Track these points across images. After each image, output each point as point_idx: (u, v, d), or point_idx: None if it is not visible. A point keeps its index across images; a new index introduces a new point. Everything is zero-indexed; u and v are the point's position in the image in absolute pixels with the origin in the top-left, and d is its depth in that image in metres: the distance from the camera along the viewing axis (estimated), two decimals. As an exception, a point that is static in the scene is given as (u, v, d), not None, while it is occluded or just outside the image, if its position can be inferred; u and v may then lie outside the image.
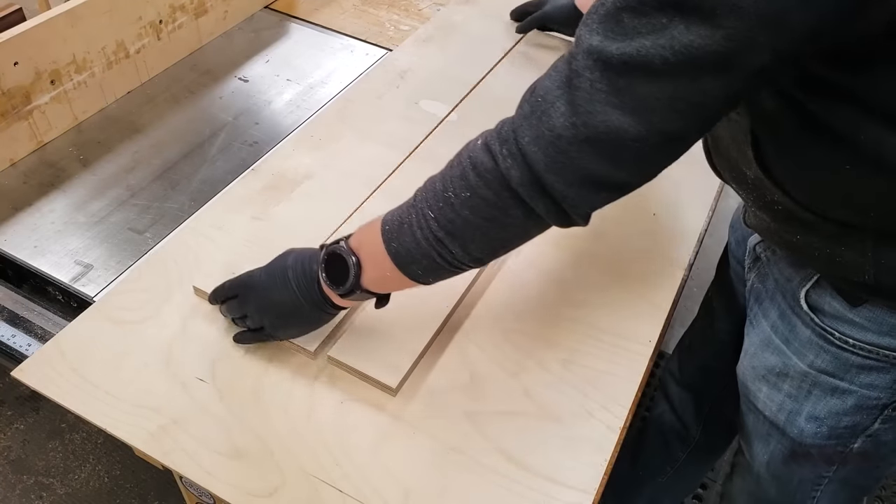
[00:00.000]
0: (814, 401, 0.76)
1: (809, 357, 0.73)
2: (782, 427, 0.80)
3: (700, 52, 0.46)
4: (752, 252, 0.82)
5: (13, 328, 0.82)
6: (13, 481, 1.45)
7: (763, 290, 0.80)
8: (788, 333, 0.75)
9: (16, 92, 0.93)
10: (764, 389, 0.80)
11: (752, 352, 0.81)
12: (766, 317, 0.79)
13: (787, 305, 0.75)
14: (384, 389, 0.70)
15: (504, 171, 0.55)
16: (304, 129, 1.01)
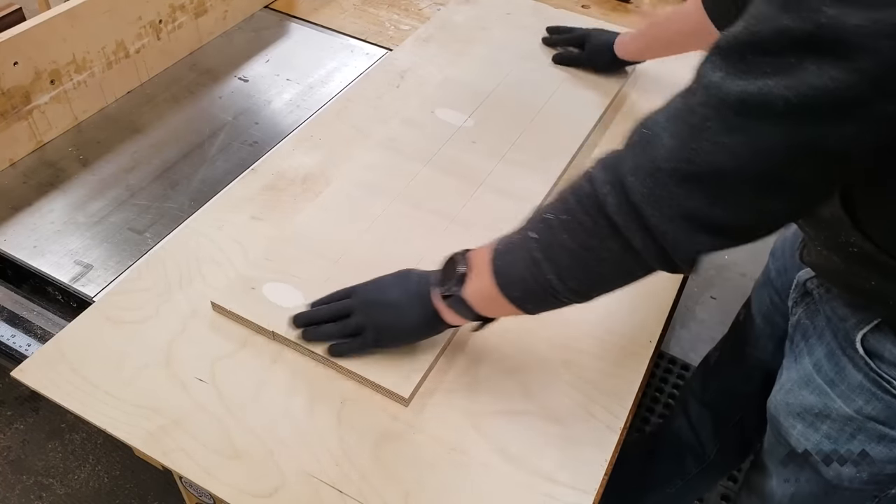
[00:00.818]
0: (856, 444, 0.73)
1: (858, 402, 0.70)
2: (816, 466, 0.77)
3: (828, 95, 0.44)
4: (802, 287, 0.79)
5: (13, 328, 0.82)
6: (13, 481, 1.44)
7: (811, 326, 0.77)
8: (834, 375, 0.72)
9: (16, 92, 0.93)
10: (798, 427, 0.77)
11: (789, 388, 0.78)
12: (810, 354, 0.76)
13: (838, 345, 0.72)
14: (396, 399, 0.70)
15: (601, 196, 0.54)
16: (304, 129, 1.01)
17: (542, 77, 1.08)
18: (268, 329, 0.73)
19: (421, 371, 0.70)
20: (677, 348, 1.77)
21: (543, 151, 0.96)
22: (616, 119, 1.05)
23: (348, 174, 0.91)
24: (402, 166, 0.92)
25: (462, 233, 0.84)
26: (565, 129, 1.00)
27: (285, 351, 0.73)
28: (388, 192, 0.89)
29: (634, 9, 1.32)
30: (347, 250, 0.81)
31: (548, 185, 0.91)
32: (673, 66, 1.15)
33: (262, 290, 0.76)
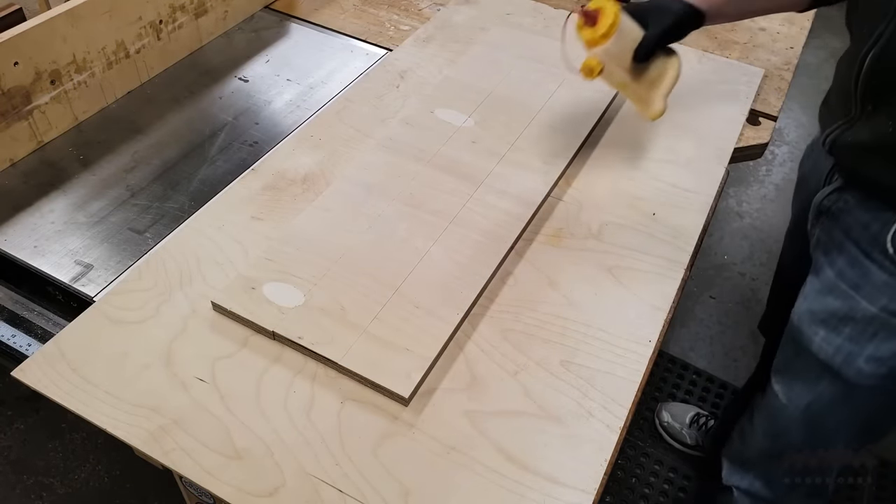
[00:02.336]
0: (877, 342, 0.78)
1: (883, 300, 0.76)
2: (837, 369, 0.82)
3: None
4: (817, 208, 0.85)
5: (13, 328, 0.82)
6: (13, 481, 1.45)
7: (830, 240, 0.83)
8: (859, 279, 0.78)
9: (16, 92, 0.93)
10: (821, 333, 0.83)
11: (813, 296, 0.84)
12: (831, 265, 0.82)
13: (861, 251, 0.78)
14: (396, 399, 0.70)
15: None
16: (304, 129, 1.01)
17: (542, 77, 1.08)
18: (268, 329, 0.73)
19: (421, 371, 0.70)
20: (677, 348, 1.77)
21: (543, 151, 0.96)
22: (616, 119, 1.05)
23: (348, 174, 0.91)
24: (402, 166, 0.92)
25: (462, 233, 0.84)
26: (565, 129, 1.00)
27: (285, 351, 0.73)
28: (388, 192, 0.89)
29: (634, 9, 1.31)
30: (347, 250, 0.81)
31: (548, 185, 0.91)
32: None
33: (262, 290, 0.76)
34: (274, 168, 0.94)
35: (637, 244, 0.87)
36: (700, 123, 1.04)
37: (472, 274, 0.80)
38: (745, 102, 1.09)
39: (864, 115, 0.74)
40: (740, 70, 1.15)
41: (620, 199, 0.92)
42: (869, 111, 0.73)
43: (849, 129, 0.77)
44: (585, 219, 0.89)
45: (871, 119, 0.74)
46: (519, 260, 0.84)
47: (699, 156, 0.99)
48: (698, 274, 1.96)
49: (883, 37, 0.69)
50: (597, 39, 0.76)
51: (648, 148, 1.00)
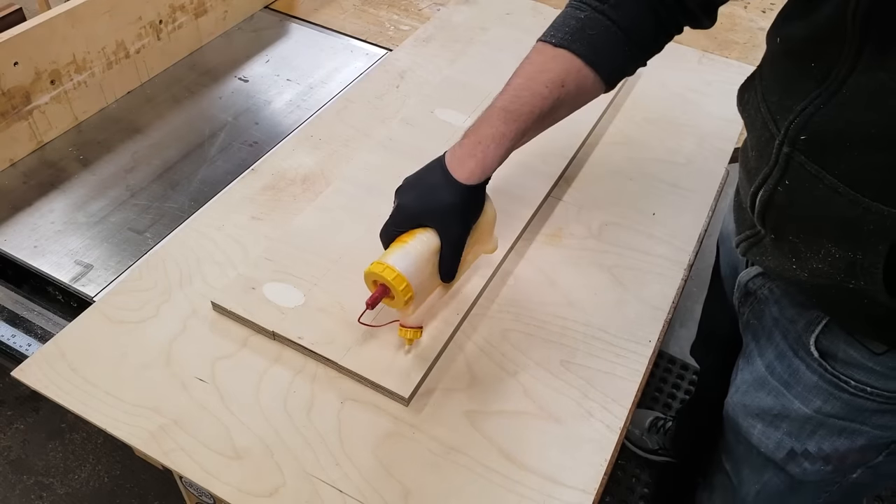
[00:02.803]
0: (818, 440, 0.71)
1: (816, 402, 0.69)
2: (780, 464, 0.76)
3: None
4: (743, 287, 0.77)
5: (13, 328, 0.82)
6: (13, 481, 1.45)
7: (759, 326, 0.75)
8: (789, 377, 0.71)
9: (16, 92, 0.93)
10: (759, 427, 0.76)
11: (745, 389, 0.77)
12: (761, 356, 0.75)
13: (788, 347, 0.70)
14: (396, 399, 0.70)
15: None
16: (304, 129, 1.01)
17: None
18: (268, 329, 0.73)
19: (421, 371, 0.70)
20: (677, 348, 1.77)
21: (543, 151, 0.96)
22: (616, 119, 1.05)
23: (348, 174, 0.91)
24: (402, 166, 0.92)
25: (462, 233, 0.84)
26: (565, 129, 1.00)
27: (285, 351, 0.73)
28: (388, 192, 0.88)
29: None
30: (347, 250, 0.81)
31: (548, 185, 0.91)
32: (674, 65, 1.15)
33: (262, 290, 0.76)
34: (274, 168, 0.94)
35: (637, 244, 0.87)
36: (700, 123, 1.04)
37: (472, 274, 0.80)
38: (745, 102, 1.09)
39: (768, 238, 0.65)
40: (740, 70, 1.15)
41: (620, 199, 0.92)
42: (772, 238, 0.65)
43: (756, 245, 0.68)
44: (585, 219, 0.89)
45: (776, 247, 0.64)
46: (519, 260, 0.84)
47: (699, 156, 0.99)
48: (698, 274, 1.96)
49: (769, 182, 0.60)
50: (403, 308, 0.69)
51: (648, 148, 1.00)
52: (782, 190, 0.59)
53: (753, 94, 0.65)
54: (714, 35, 1.26)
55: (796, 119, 0.56)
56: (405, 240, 0.68)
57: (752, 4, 1.35)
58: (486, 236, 0.75)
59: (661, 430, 1.50)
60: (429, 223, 0.69)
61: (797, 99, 0.56)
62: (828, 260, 0.58)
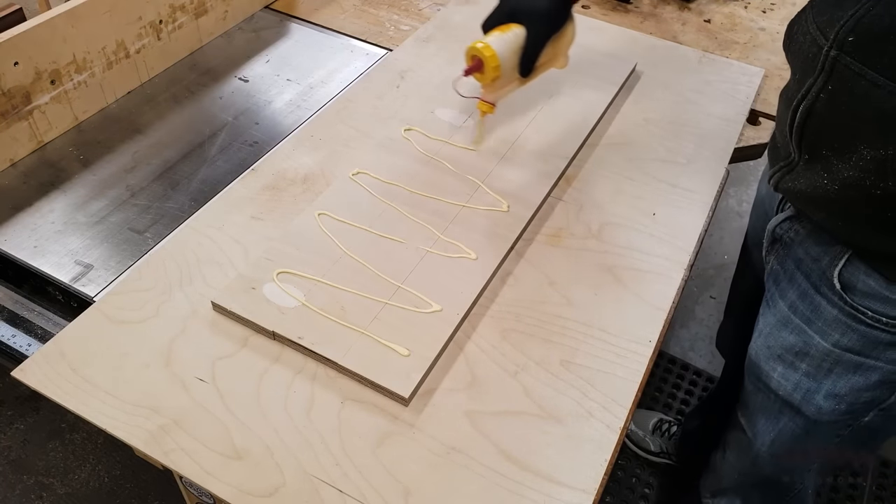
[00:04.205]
0: (834, 378, 0.77)
1: (834, 336, 0.75)
2: (797, 405, 0.81)
3: None
4: (771, 235, 0.84)
5: (13, 328, 0.82)
6: (13, 481, 1.45)
7: (781, 271, 0.82)
8: (810, 313, 0.77)
9: (16, 92, 0.93)
10: (779, 369, 0.82)
11: (768, 331, 0.83)
12: (783, 297, 0.81)
13: (810, 285, 0.77)
14: (396, 399, 0.70)
15: None
16: (304, 129, 1.01)
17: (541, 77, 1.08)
18: (268, 329, 0.73)
19: (421, 371, 0.70)
20: (677, 348, 1.77)
21: (543, 151, 0.96)
22: (616, 119, 1.05)
23: (348, 174, 0.91)
24: (402, 166, 0.92)
25: (462, 233, 0.84)
26: (565, 128, 1.00)
27: (285, 351, 0.73)
28: (388, 192, 0.89)
29: (634, 9, 1.32)
30: (347, 250, 0.81)
31: (548, 185, 0.91)
32: (674, 64, 1.15)
33: (262, 290, 0.76)
34: (274, 168, 0.94)
35: (637, 244, 0.87)
36: (700, 123, 1.04)
37: (471, 274, 0.80)
38: (745, 102, 1.09)
39: (801, 162, 0.72)
40: (740, 70, 1.15)
41: (620, 199, 0.92)
42: (806, 159, 0.71)
43: (789, 174, 0.75)
44: (585, 219, 0.89)
45: (808, 168, 0.71)
46: (519, 260, 0.84)
47: (699, 156, 0.99)
48: (698, 274, 1.96)
49: (812, 91, 0.67)
50: (488, 83, 0.82)
51: (648, 148, 1.00)
52: (824, 96, 0.66)
53: (802, 22, 0.71)
54: (714, 35, 1.26)
55: (846, 23, 0.63)
56: (503, 30, 0.80)
57: (753, 4, 1.35)
58: (561, 52, 0.87)
59: (666, 433, 1.50)
60: (521, 20, 0.79)
61: (847, 8, 0.63)
62: (859, 165, 0.64)
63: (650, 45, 1.20)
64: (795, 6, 1.36)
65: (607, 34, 1.21)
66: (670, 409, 1.63)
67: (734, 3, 1.35)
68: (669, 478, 1.50)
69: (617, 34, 1.21)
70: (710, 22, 1.30)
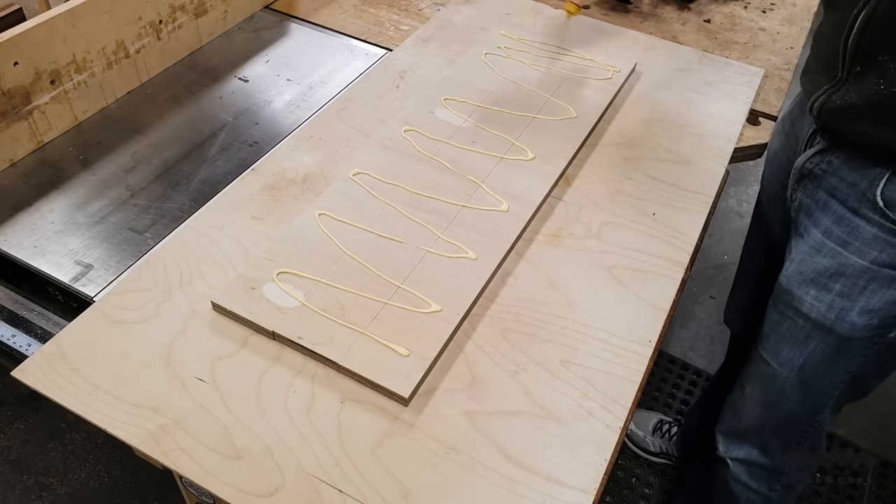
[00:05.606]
0: (868, 295, 0.80)
1: (873, 253, 0.78)
2: (830, 325, 0.84)
3: None
4: (798, 172, 0.87)
5: (13, 328, 0.82)
6: (13, 481, 1.45)
7: (812, 203, 0.85)
8: (847, 236, 0.80)
9: (16, 92, 0.93)
10: (812, 292, 0.85)
11: (800, 258, 0.86)
12: (816, 226, 0.84)
13: (847, 209, 0.80)
14: (396, 399, 0.70)
15: None
16: (304, 129, 1.01)
17: (541, 77, 1.08)
18: (268, 329, 0.73)
19: (421, 371, 0.70)
20: (677, 348, 1.77)
21: (543, 151, 0.96)
22: (616, 119, 1.05)
23: (348, 174, 0.91)
24: (402, 166, 0.92)
25: (462, 233, 0.84)
26: (565, 129, 1.00)
27: (285, 351, 0.73)
28: (388, 192, 0.89)
29: (634, 9, 1.32)
30: (347, 250, 0.81)
31: (548, 185, 0.91)
32: (674, 64, 1.15)
33: (262, 290, 0.76)
34: (274, 168, 0.94)
35: (637, 244, 0.87)
36: (700, 123, 1.04)
37: (472, 274, 0.80)
38: (745, 102, 1.09)
39: (850, 77, 0.76)
40: (740, 70, 1.15)
41: (620, 199, 0.92)
42: (857, 72, 0.75)
43: (836, 92, 0.78)
44: (585, 219, 0.89)
45: (859, 80, 0.75)
46: (519, 260, 0.84)
47: (699, 156, 0.99)
48: (698, 274, 1.96)
49: (869, 4, 0.70)
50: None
51: (648, 148, 1.00)
52: (883, 3, 0.69)
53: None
54: (714, 35, 1.26)
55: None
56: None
57: (753, 4, 1.35)
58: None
59: (666, 434, 1.50)
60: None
61: None
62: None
63: (650, 45, 1.20)
64: (796, 6, 1.36)
65: (607, 34, 1.21)
66: (670, 409, 1.63)
67: (734, 3, 1.35)
68: (669, 478, 1.50)
69: (617, 34, 1.21)
70: (710, 22, 1.30)
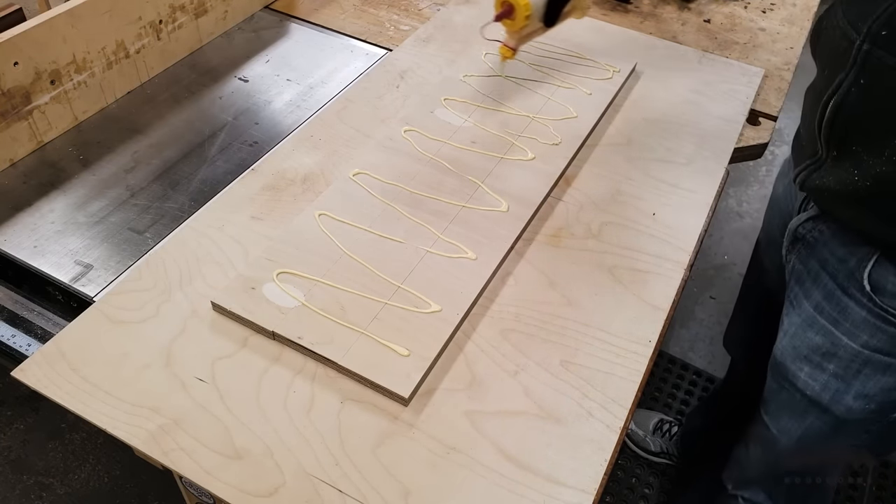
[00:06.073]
0: (863, 379, 0.77)
1: (863, 337, 0.74)
2: (826, 405, 0.81)
3: None
4: (792, 234, 0.83)
5: (13, 328, 0.82)
6: (13, 481, 1.45)
7: (805, 271, 0.81)
8: (837, 315, 0.76)
9: (16, 92, 0.93)
10: (806, 369, 0.81)
11: (793, 332, 0.83)
12: (808, 298, 0.80)
13: (837, 286, 0.76)
14: (396, 399, 0.70)
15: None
16: (304, 129, 1.01)
17: (542, 77, 1.08)
18: (268, 329, 0.73)
19: (421, 371, 0.70)
20: (677, 348, 1.77)
21: (543, 151, 0.96)
22: (616, 119, 1.05)
23: (348, 174, 0.91)
24: (402, 166, 0.92)
25: (462, 233, 0.84)
26: (565, 129, 1.00)
27: (285, 351, 0.73)
28: (388, 192, 0.89)
29: (634, 9, 1.32)
30: (347, 250, 0.81)
31: (547, 185, 0.91)
32: (674, 64, 1.15)
33: (262, 290, 0.76)
34: (274, 168, 0.94)
35: (637, 244, 0.87)
36: (700, 123, 1.04)
37: (471, 274, 0.80)
38: (745, 102, 1.09)
39: (829, 159, 0.72)
40: (740, 70, 1.15)
41: (620, 199, 0.92)
42: (834, 156, 0.71)
43: (816, 171, 0.74)
44: (585, 219, 0.89)
45: (837, 165, 0.71)
46: (519, 260, 0.84)
47: (699, 156, 0.99)
48: (698, 274, 1.96)
49: (843, 86, 0.67)
50: (517, 28, 0.86)
51: (648, 148, 1.00)
52: (855, 90, 0.66)
53: (832, 17, 0.70)
54: (714, 35, 1.26)
55: (879, 17, 0.63)
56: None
57: (753, 4, 1.35)
58: (583, 5, 0.92)
59: (666, 433, 1.50)
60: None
61: (880, 3, 0.63)
62: (892, 159, 0.64)
63: (650, 45, 1.20)
64: (796, 6, 1.36)
65: (607, 34, 1.21)
66: (670, 409, 1.63)
67: (734, 3, 1.35)
68: (669, 478, 1.50)
69: (617, 34, 1.21)
70: (709, 22, 1.30)
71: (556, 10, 0.84)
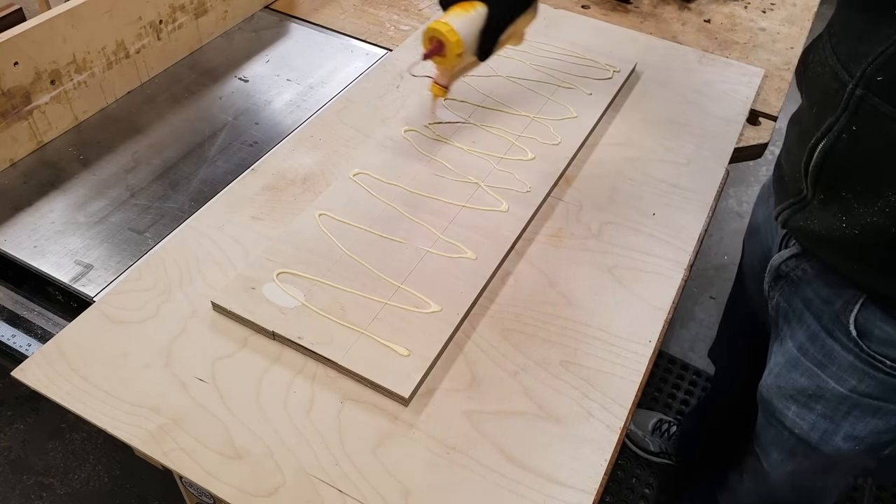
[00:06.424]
0: (852, 421, 0.73)
1: (851, 382, 0.70)
2: (815, 444, 0.77)
3: None
4: (775, 271, 0.79)
5: (13, 328, 0.82)
6: (13, 481, 1.45)
7: (789, 309, 0.77)
8: (823, 357, 0.72)
9: (16, 92, 0.93)
10: (793, 408, 0.78)
11: (778, 371, 0.79)
12: (792, 337, 0.76)
13: (821, 328, 0.72)
14: (396, 399, 0.70)
15: None
16: (304, 129, 1.01)
17: (542, 76, 1.08)
18: (268, 329, 0.73)
19: (421, 371, 0.70)
20: (677, 348, 1.77)
21: (543, 151, 0.96)
22: (616, 119, 1.05)
23: (348, 174, 0.91)
24: (402, 166, 0.92)
25: (462, 233, 0.84)
26: (565, 129, 1.00)
27: (285, 351, 0.73)
28: (388, 192, 0.89)
29: (634, 9, 1.32)
30: (347, 250, 0.81)
31: (547, 185, 0.91)
32: (674, 64, 1.15)
33: (262, 290, 0.76)
34: (274, 168, 0.94)
35: (637, 244, 0.87)
36: (700, 123, 1.04)
37: (472, 274, 0.80)
38: (745, 102, 1.09)
39: (815, 201, 0.67)
40: (740, 70, 1.15)
41: (620, 199, 0.92)
42: (821, 199, 0.66)
43: (800, 212, 0.70)
44: (585, 219, 0.89)
45: (824, 208, 0.66)
46: (519, 260, 0.84)
47: (699, 156, 0.99)
48: (698, 274, 1.97)
49: (833, 130, 0.61)
50: (449, 65, 0.79)
51: (648, 148, 1.00)
52: (847, 137, 0.60)
53: (820, 51, 0.65)
54: (714, 35, 1.26)
55: (875, 61, 0.57)
56: (465, 8, 0.75)
57: (753, 4, 1.36)
58: (520, 30, 0.85)
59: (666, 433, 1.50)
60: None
61: (875, 44, 0.57)
62: (885, 211, 0.59)
63: (650, 45, 1.20)
64: (796, 6, 1.36)
65: (607, 34, 1.21)
66: (670, 409, 1.63)
67: (734, 3, 1.35)
68: (669, 478, 1.50)
69: (617, 34, 1.21)
70: (710, 22, 1.30)
71: (490, 43, 0.77)
